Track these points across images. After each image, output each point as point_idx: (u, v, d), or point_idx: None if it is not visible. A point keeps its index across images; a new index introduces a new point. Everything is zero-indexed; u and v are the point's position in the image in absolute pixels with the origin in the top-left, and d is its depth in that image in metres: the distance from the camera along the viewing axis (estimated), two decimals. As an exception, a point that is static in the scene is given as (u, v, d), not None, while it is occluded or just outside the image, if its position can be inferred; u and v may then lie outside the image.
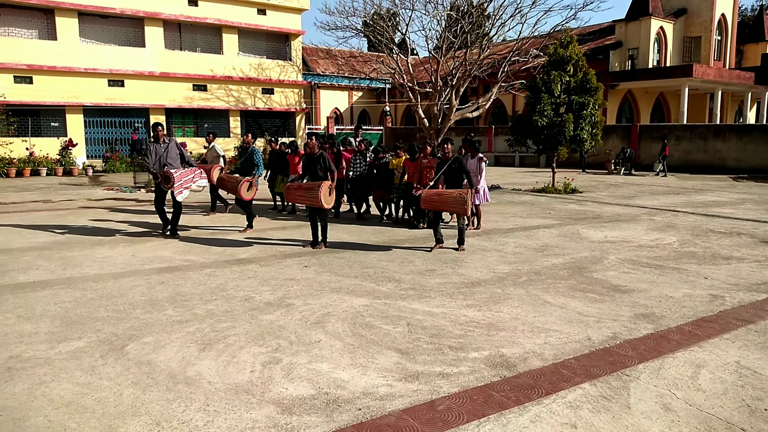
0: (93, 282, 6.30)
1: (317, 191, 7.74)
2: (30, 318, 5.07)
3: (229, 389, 3.67)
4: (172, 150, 8.90)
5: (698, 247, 8.37)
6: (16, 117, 22.33)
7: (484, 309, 5.37)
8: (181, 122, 27.21)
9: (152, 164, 8.79)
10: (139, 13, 24.77)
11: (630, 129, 26.43)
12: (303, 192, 8.00)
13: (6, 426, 3.22)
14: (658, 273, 6.79)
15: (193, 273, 6.73)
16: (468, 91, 29.40)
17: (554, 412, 3.39)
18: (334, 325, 4.88)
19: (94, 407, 3.43)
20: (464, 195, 7.66)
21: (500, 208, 12.61)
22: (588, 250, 8.13)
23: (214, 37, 27.59)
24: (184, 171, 8.84)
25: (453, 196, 7.76)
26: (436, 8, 21.73)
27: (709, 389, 3.71)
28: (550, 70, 15.61)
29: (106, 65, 24.36)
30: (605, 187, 17.57)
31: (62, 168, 22.36)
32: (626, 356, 4.23)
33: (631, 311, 5.32)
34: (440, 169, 8.19)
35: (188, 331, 4.72)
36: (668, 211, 12.10)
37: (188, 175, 8.88)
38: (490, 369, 4.00)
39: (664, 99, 33.37)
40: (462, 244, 8.13)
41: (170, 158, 8.83)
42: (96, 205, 13.09)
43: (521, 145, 16.73)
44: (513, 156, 28.73)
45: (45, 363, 4.08)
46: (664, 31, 31.30)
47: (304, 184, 8.10)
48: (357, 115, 39.39)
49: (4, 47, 22.31)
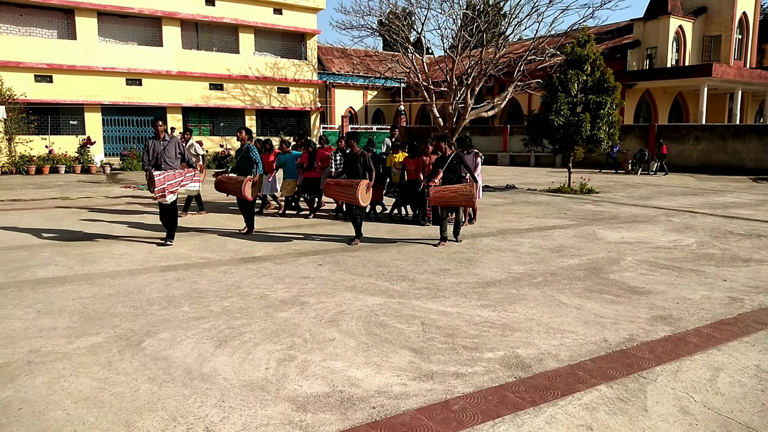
0: (110, 278, 6.38)
1: (356, 189, 8.09)
2: (49, 313, 5.15)
3: (244, 386, 3.69)
4: (171, 148, 8.22)
5: (717, 248, 8.25)
6: (36, 115, 22.71)
7: (499, 309, 5.34)
8: (197, 121, 27.43)
9: (147, 162, 8.13)
10: (156, 13, 25.01)
11: (648, 129, 26.14)
12: (342, 188, 8.34)
13: (27, 418, 3.27)
14: (675, 275, 6.71)
15: (209, 270, 6.79)
16: (483, 90, 29.25)
17: (570, 414, 3.36)
18: (348, 324, 4.89)
19: (111, 402, 3.47)
20: (472, 189, 8.08)
21: (515, 208, 12.54)
22: (604, 251, 8.05)
23: (230, 37, 27.78)
24: (170, 173, 8.11)
25: (461, 191, 8.07)
26: (452, 7, 21.69)
27: (728, 393, 3.66)
28: (567, 69, 15.49)
29: (124, 64, 24.64)
30: (622, 188, 17.40)
31: (80, 165, 22.67)
32: (643, 358, 4.19)
33: (648, 313, 5.26)
34: (440, 166, 8.42)
35: (204, 328, 4.76)
36: (686, 212, 11.94)
37: (176, 177, 8.15)
38: (505, 369, 3.98)
39: (682, 99, 32.95)
40: (458, 235, 8.64)
41: (168, 157, 8.15)
42: (113, 203, 13.25)
43: (537, 144, 16.62)
44: (528, 156, 28.56)
45: (64, 357, 4.14)
46: (683, 30, 30.90)
47: (343, 181, 8.41)
48: (371, 114, 39.43)
49: (25, 47, 22.68)
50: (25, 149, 22.27)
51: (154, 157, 8.11)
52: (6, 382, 3.73)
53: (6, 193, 14.96)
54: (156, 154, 8.10)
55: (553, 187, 16.87)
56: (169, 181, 8.07)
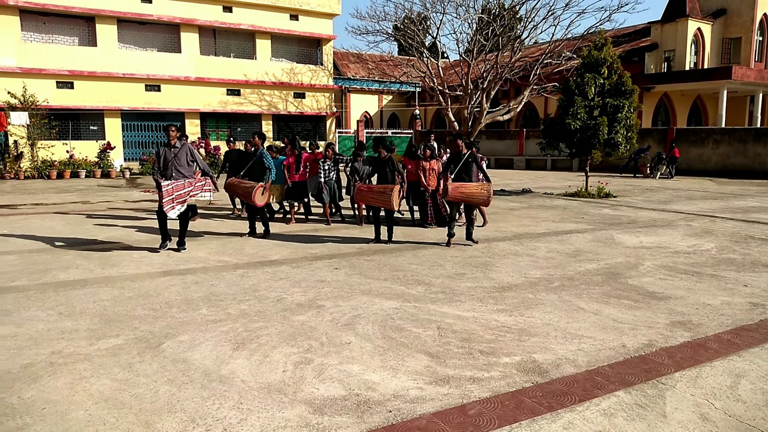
0: (130, 281, 6.47)
1: (390, 194, 8.29)
2: (70, 315, 5.24)
3: (261, 388, 3.73)
4: (182, 155, 7.86)
5: (737, 253, 8.13)
6: (57, 121, 23.15)
7: (516, 314, 5.32)
8: (215, 126, 27.74)
9: (157, 171, 7.83)
10: (175, 20, 25.37)
11: (666, 132, 25.85)
12: (375, 194, 8.55)
13: (50, 418, 3.33)
14: (695, 280, 6.63)
15: (227, 273, 6.85)
16: (499, 94, 29.21)
17: (587, 420, 3.34)
18: (365, 327, 4.91)
19: (131, 403, 3.52)
20: (490, 189, 8.23)
21: (531, 212, 12.47)
22: (623, 255, 7.98)
23: (247, 43, 28.07)
24: (180, 183, 7.78)
25: (480, 189, 8.24)
26: (467, 11, 21.70)
27: (750, 400, 3.61)
28: (584, 72, 15.38)
29: (143, 70, 25.03)
30: (640, 192, 17.21)
31: (100, 170, 23.04)
32: (662, 364, 4.14)
33: (667, 318, 5.20)
34: (455, 164, 8.48)
35: (222, 331, 4.81)
36: (706, 217, 11.78)
37: (186, 187, 7.82)
38: (522, 374, 3.97)
39: (701, 102, 32.53)
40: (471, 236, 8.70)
41: (180, 164, 7.82)
42: (133, 207, 13.43)
43: (553, 148, 16.50)
44: (545, 159, 28.37)
45: (85, 359, 4.21)
46: (702, 33, 30.53)
47: (375, 187, 8.66)
48: (386, 118, 39.50)
49: (48, 54, 23.15)
50: (47, 154, 22.72)
51: (164, 165, 7.82)
52: (30, 382, 3.81)
53: (29, 197, 15.25)
54: (167, 161, 7.82)
55: (570, 191, 16.75)
56: (178, 191, 7.75)
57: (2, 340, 4.60)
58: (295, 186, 10.82)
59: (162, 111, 25.76)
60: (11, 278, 6.60)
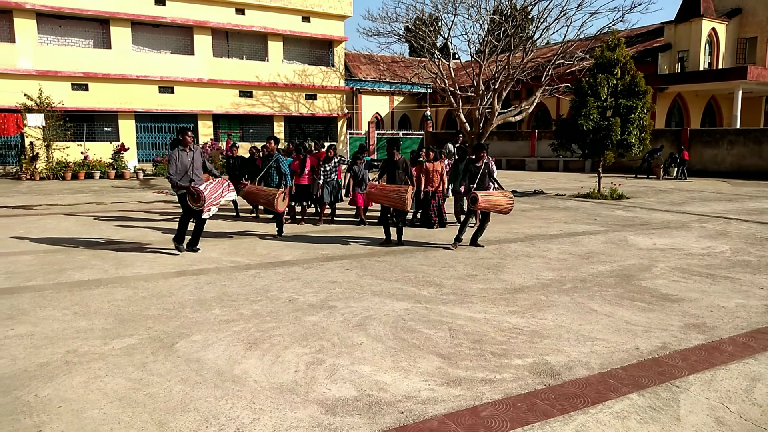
0: (144, 281, 6.53)
1: (404, 194, 8.31)
2: (85, 315, 5.30)
3: (274, 388, 3.75)
4: (197, 159, 7.83)
5: (752, 255, 8.04)
6: (72, 122, 23.42)
7: (528, 316, 5.30)
8: (227, 127, 27.92)
9: (179, 177, 7.64)
10: (188, 22, 25.58)
11: (680, 133, 25.61)
12: (387, 195, 8.52)
13: (66, 416, 3.38)
14: (709, 282, 6.56)
15: (239, 274, 6.90)
16: (511, 94, 29.09)
17: (600, 422, 3.32)
18: (376, 328, 4.92)
19: (145, 402, 3.56)
20: (512, 197, 8.55)
21: (543, 214, 12.42)
22: (636, 257, 7.92)
23: (259, 45, 28.24)
24: (213, 186, 7.87)
25: (504, 198, 8.41)
26: (479, 12, 21.66)
27: (766, 404, 3.57)
28: (597, 73, 15.28)
29: (156, 72, 25.26)
30: (654, 193, 17.07)
31: (114, 171, 23.28)
32: (676, 367, 4.11)
33: (681, 321, 5.16)
34: (476, 172, 8.46)
35: (235, 331, 4.84)
36: (720, 219, 11.66)
37: (217, 189, 7.93)
38: (534, 377, 3.95)
39: (715, 102, 32.18)
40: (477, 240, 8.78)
41: (197, 168, 7.78)
42: (146, 207, 13.55)
43: (566, 149, 16.40)
44: (557, 160, 28.24)
45: (99, 358, 4.26)
46: (716, 32, 30.20)
47: (388, 187, 8.62)
48: (398, 120, 39.52)
49: (63, 56, 23.45)
50: (62, 155, 23.01)
51: (183, 171, 7.68)
52: (46, 380, 3.86)
53: (44, 198, 15.44)
54: (185, 167, 7.68)
55: (583, 192, 16.65)
56: (214, 194, 7.79)
57: (19, 339, 4.66)
58: (300, 189, 10.95)
59: (175, 112, 25.97)
60: (28, 278, 6.69)
